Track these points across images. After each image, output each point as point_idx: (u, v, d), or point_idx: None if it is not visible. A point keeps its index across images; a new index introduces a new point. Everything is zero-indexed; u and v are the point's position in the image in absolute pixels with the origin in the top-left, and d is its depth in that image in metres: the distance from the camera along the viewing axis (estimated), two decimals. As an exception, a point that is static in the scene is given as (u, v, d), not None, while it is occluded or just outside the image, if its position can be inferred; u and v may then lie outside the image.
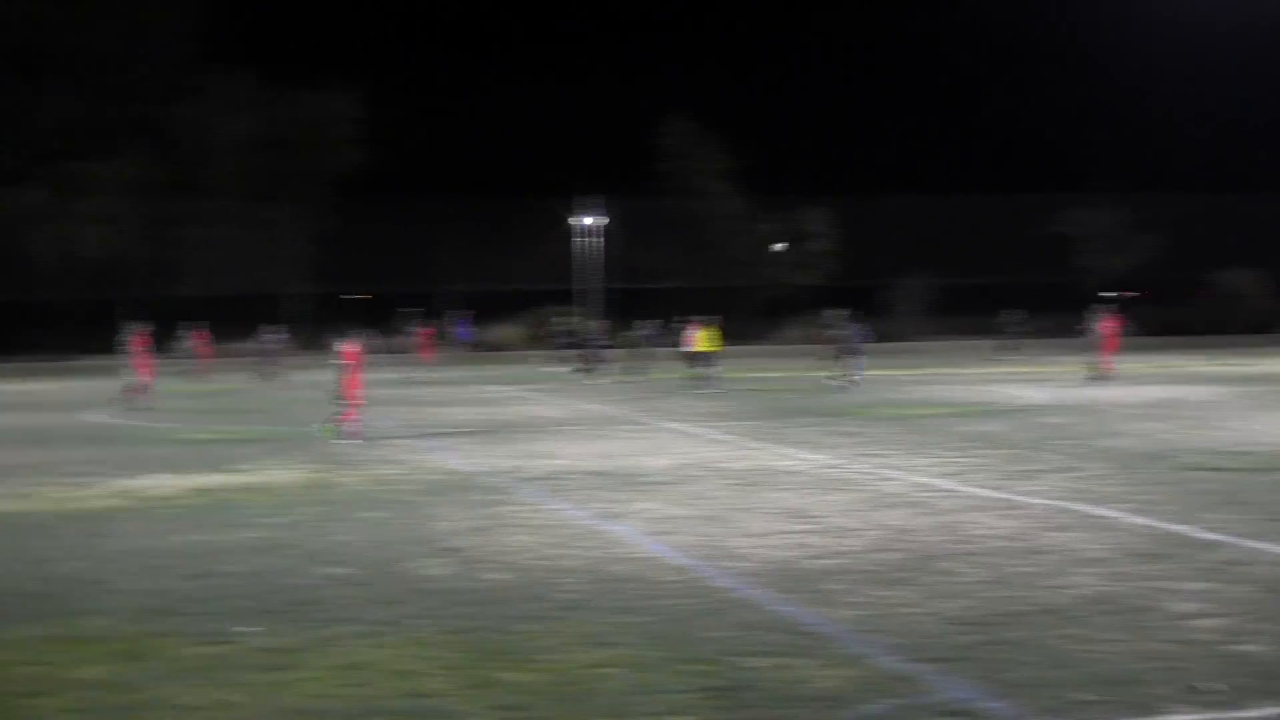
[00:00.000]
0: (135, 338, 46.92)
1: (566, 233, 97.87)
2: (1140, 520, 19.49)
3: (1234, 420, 34.16)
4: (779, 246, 56.40)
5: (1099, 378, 49.43)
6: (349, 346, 33.35)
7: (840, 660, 12.49)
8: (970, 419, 35.97)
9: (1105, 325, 51.19)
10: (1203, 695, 11.19)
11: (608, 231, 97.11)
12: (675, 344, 56.22)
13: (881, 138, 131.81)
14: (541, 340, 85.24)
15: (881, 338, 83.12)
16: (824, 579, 15.90)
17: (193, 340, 68.66)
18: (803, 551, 17.63)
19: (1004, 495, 22.21)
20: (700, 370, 50.94)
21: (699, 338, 52.04)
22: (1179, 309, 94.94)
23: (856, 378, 48.89)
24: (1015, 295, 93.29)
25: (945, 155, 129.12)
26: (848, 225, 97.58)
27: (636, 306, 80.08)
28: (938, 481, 24.06)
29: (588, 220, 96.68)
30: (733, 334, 71.31)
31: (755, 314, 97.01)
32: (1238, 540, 17.73)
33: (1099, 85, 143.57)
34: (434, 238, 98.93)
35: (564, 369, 64.47)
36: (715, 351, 52.32)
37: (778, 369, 62.96)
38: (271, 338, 65.21)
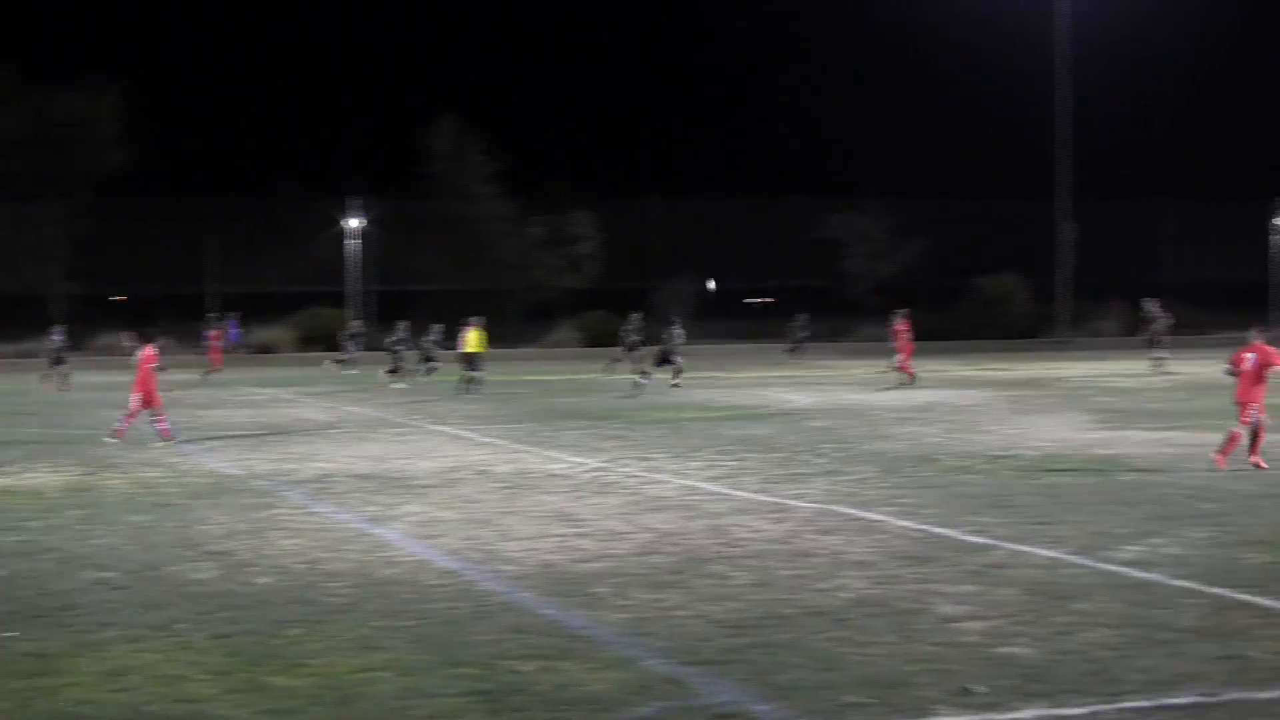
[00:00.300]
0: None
1: (339, 234, 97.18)
2: (907, 523, 19.75)
3: (999, 424, 34.72)
4: (711, 285, 55.02)
5: (903, 382, 49.74)
6: (149, 349, 32.85)
7: (610, 663, 12.51)
8: (739, 423, 36.20)
9: (899, 328, 51.69)
10: (974, 697, 11.34)
11: (375, 233, 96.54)
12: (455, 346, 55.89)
13: (649, 140, 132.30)
14: (325, 343, 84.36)
15: (649, 341, 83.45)
16: (593, 582, 15.93)
17: None
18: (572, 555, 17.65)
19: (772, 498, 22.40)
20: (472, 373, 50.64)
21: (470, 339, 51.63)
22: (944, 314, 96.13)
23: (645, 381, 48.79)
24: (784, 298, 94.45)
25: (712, 158, 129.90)
26: (616, 228, 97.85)
27: (410, 308, 79.55)
28: (706, 485, 24.20)
29: (355, 222, 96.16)
30: (503, 337, 71.16)
31: (524, 316, 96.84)
32: (1003, 543, 18.03)
33: (865, 90, 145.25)
34: (200, 238, 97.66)
35: (341, 371, 63.99)
36: (482, 353, 51.95)
37: (547, 372, 62.88)
38: (60, 339, 63.83)
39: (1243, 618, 13.96)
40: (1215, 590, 15.14)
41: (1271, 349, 25.61)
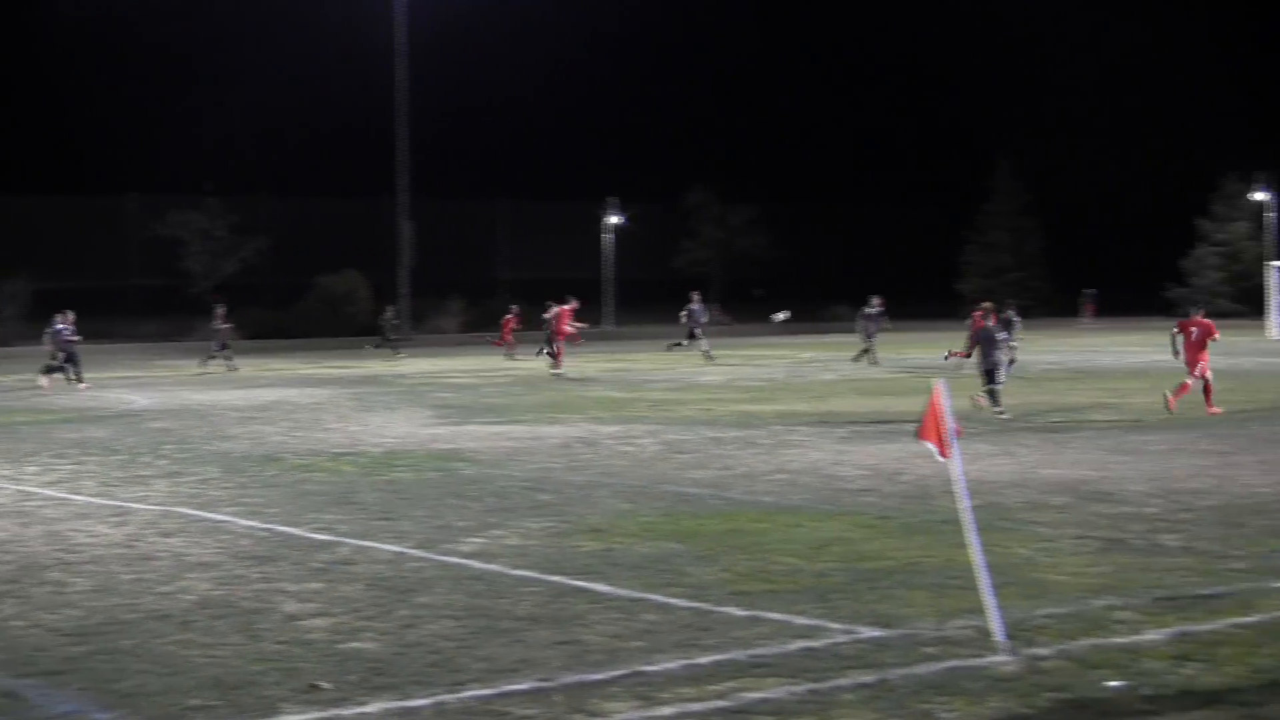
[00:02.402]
0: None
1: None
2: (252, 523, 19.66)
3: (342, 421, 34.84)
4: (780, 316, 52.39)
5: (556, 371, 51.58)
6: None
7: (-58, 681, 12.08)
8: (75, 425, 35.33)
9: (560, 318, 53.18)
10: (321, 694, 11.36)
11: None
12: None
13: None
14: None
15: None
16: (-76, 595, 15.35)
17: None
18: (-100, 567, 16.97)
19: (113, 502, 21.98)
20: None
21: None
22: (285, 312, 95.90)
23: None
24: (123, 298, 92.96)
25: (39, 155, 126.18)
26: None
27: None
28: (42, 490, 23.57)
29: None
30: None
31: None
32: (347, 540, 18.14)
33: (206, 88, 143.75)
34: None
35: None
36: None
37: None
38: None
39: (578, 604, 14.39)
40: (553, 578, 15.56)
41: (1210, 322, 32.98)
